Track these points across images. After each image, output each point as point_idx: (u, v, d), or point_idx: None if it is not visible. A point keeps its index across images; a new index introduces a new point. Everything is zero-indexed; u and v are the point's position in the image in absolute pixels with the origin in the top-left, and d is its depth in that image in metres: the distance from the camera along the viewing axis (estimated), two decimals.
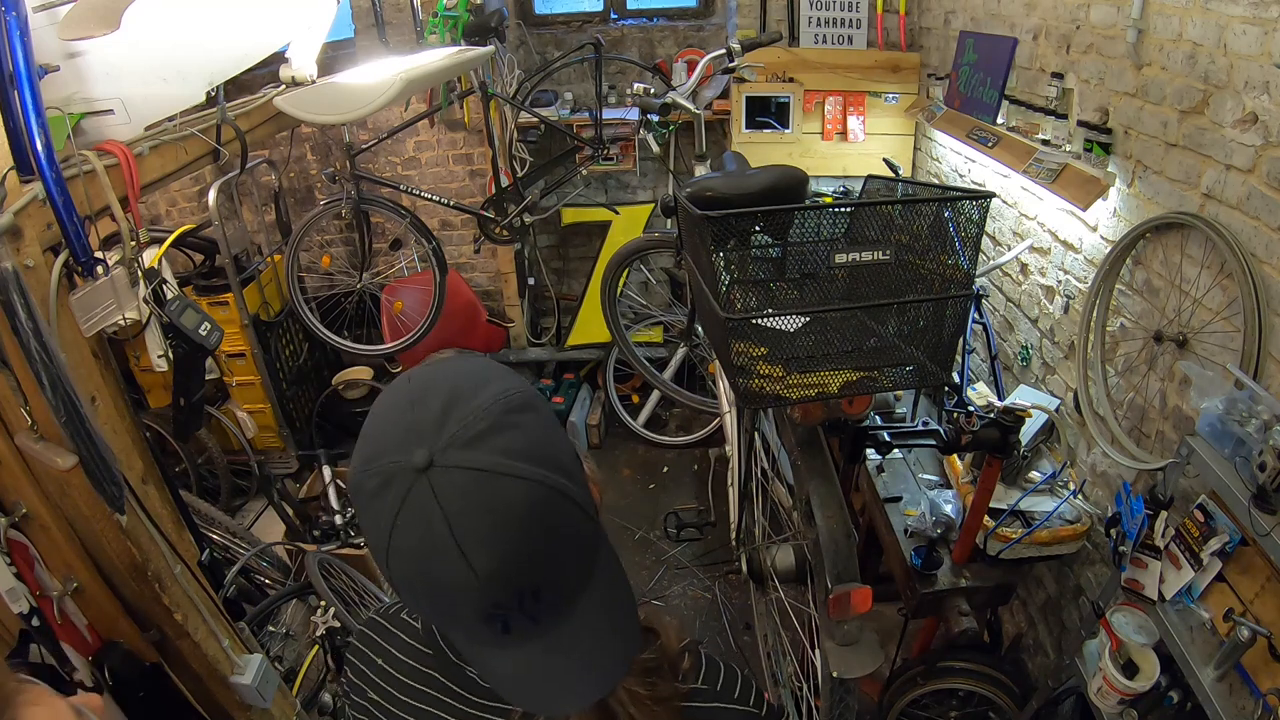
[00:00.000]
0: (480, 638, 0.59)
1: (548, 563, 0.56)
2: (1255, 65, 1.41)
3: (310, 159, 3.98)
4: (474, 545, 0.52)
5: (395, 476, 0.54)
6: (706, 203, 1.50)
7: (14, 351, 1.19)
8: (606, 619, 0.61)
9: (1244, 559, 1.33)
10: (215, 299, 3.24)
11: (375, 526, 0.55)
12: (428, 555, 0.53)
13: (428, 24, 3.21)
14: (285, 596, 2.41)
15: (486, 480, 0.54)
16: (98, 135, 1.42)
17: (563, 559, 0.58)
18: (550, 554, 0.57)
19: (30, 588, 1.37)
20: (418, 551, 0.54)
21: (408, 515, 0.53)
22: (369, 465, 0.56)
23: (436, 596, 0.56)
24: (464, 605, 0.55)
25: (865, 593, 1.46)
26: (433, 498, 0.53)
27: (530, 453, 0.56)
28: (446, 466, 0.53)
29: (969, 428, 1.77)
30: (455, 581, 0.53)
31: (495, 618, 0.56)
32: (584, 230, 4.12)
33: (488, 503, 0.53)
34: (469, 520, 0.53)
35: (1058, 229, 2.20)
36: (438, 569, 0.53)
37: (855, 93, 3.22)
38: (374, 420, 0.59)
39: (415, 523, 0.53)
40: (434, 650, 0.73)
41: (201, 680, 1.65)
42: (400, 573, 0.56)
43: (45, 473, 1.34)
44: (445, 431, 0.55)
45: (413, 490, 0.53)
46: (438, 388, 0.58)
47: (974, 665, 2.00)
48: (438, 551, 0.53)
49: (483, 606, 0.55)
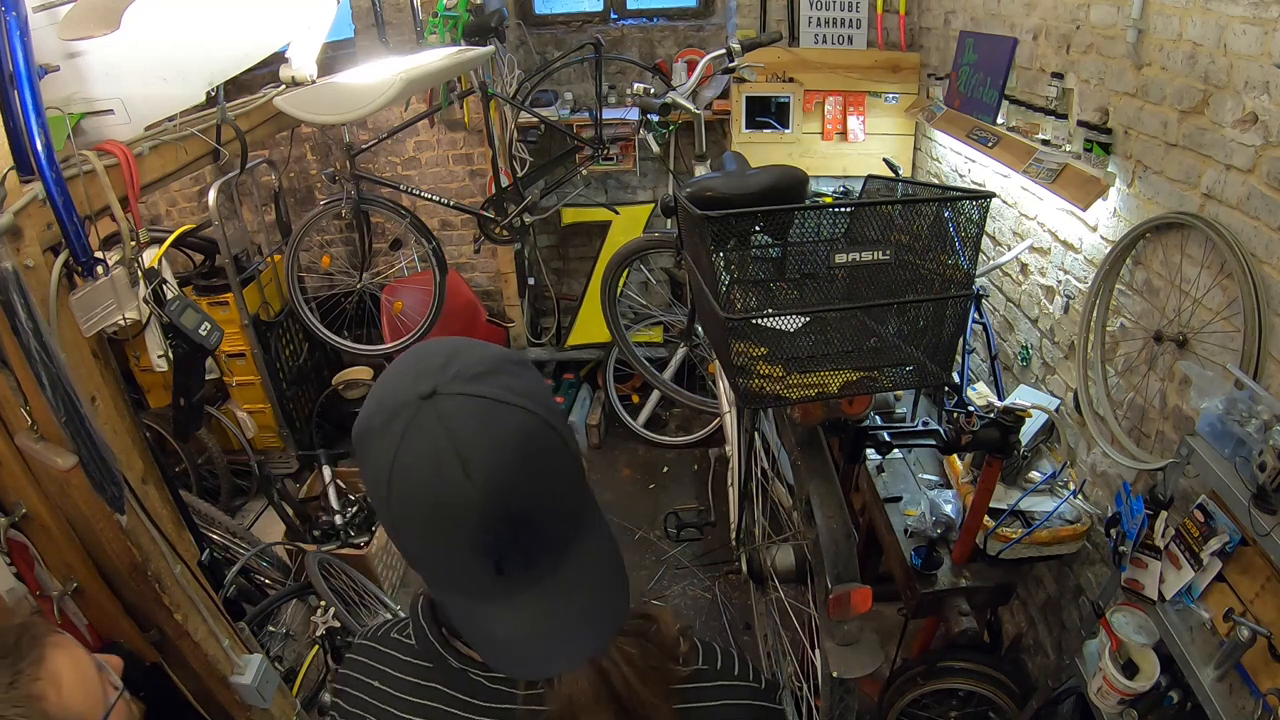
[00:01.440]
0: (476, 588, 0.60)
1: (541, 491, 0.59)
2: (1255, 65, 1.41)
3: (310, 159, 3.98)
4: (474, 460, 0.55)
5: (401, 408, 0.57)
6: (706, 203, 1.50)
7: (14, 351, 1.19)
8: (597, 572, 0.63)
9: (1244, 559, 1.33)
10: (215, 299, 3.24)
11: (378, 460, 0.57)
12: (430, 473, 0.55)
13: (428, 24, 3.21)
14: (285, 596, 2.41)
15: (487, 406, 0.57)
16: (98, 135, 1.42)
17: (556, 492, 0.60)
18: (544, 483, 0.59)
19: (30, 588, 1.37)
20: (420, 471, 0.56)
21: (412, 437, 0.56)
22: (372, 406, 0.59)
23: (436, 526, 0.57)
24: (462, 532, 0.56)
25: (865, 593, 1.46)
26: (436, 419, 0.56)
27: (528, 392, 0.59)
28: (450, 394, 0.57)
29: (969, 428, 1.77)
30: (455, 498, 0.55)
31: (489, 550, 0.57)
32: (584, 230, 4.11)
33: (488, 425, 0.56)
34: (470, 437, 0.55)
35: (1058, 229, 2.20)
36: (438, 488, 0.55)
37: (855, 93, 3.21)
38: (380, 381, 0.63)
39: (419, 443, 0.56)
40: (433, 661, 0.72)
41: (201, 680, 1.65)
42: (401, 502, 0.57)
43: (45, 473, 1.34)
44: (449, 371, 0.58)
45: (418, 415, 0.56)
46: (441, 346, 0.62)
47: (974, 665, 2.00)
48: (440, 467, 0.55)
49: (479, 532, 0.56)
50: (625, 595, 0.65)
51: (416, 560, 0.62)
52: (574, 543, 0.62)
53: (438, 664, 0.72)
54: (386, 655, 0.77)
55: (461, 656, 0.71)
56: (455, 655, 0.71)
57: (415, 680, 0.74)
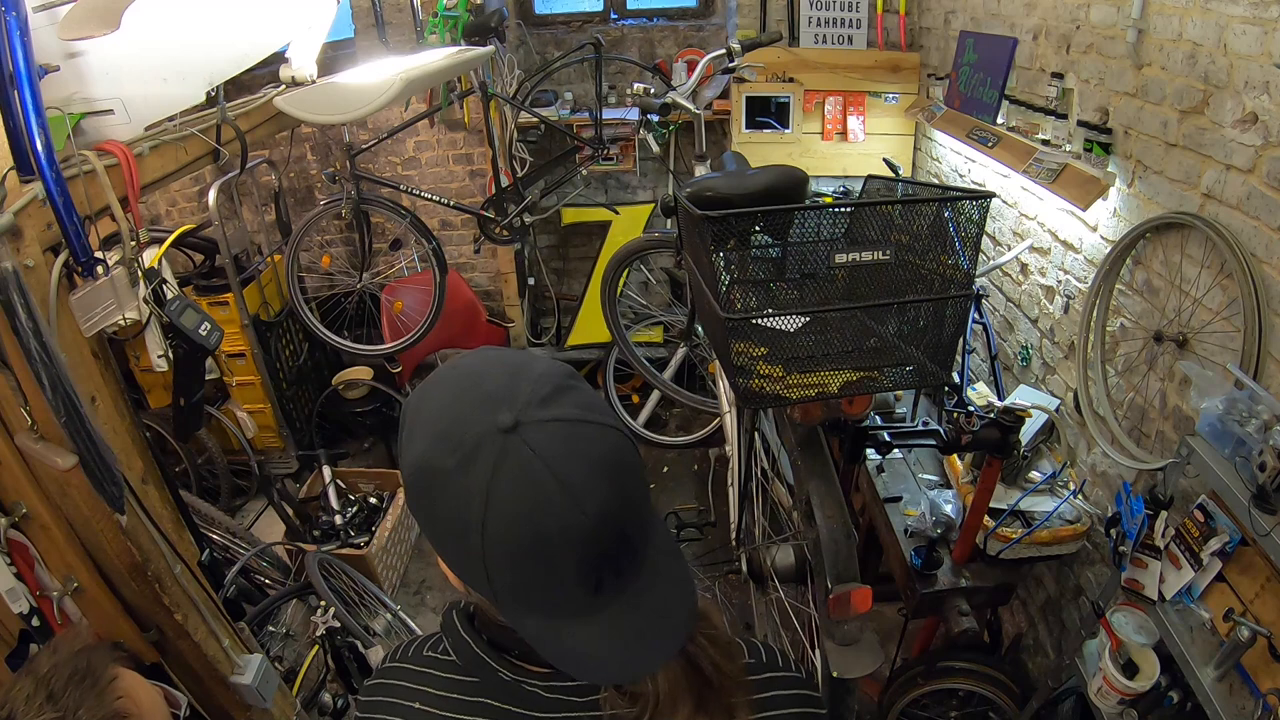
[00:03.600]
0: (567, 609, 0.58)
1: (638, 505, 0.59)
2: (1255, 65, 1.41)
3: (310, 159, 3.98)
4: (579, 487, 0.54)
5: (481, 444, 0.54)
6: (706, 203, 1.50)
7: (14, 351, 1.19)
8: (670, 570, 0.63)
9: (1244, 559, 1.33)
10: (215, 299, 3.24)
11: (462, 503, 0.55)
12: (533, 508, 0.53)
13: (428, 24, 3.21)
14: (285, 596, 2.41)
15: (573, 429, 0.56)
16: (98, 135, 1.42)
17: (643, 501, 0.61)
18: (637, 497, 0.59)
19: (30, 588, 1.37)
20: (523, 508, 0.54)
21: (507, 475, 0.53)
22: (442, 444, 0.56)
23: (540, 557, 0.55)
24: (567, 560, 0.55)
25: (865, 593, 1.46)
26: (531, 452, 0.54)
27: (596, 406, 0.59)
28: (534, 422, 0.55)
29: (969, 428, 1.77)
30: (566, 528, 0.53)
31: (592, 573, 0.56)
32: (584, 230, 4.11)
33: (581, 449, 0.55)
34: (570, 465, 0.54)
35: (1058, 229, 2.19)
36: (546, 521, 0.53)
37: (855, 93, 3.21)
38: (429, 406, 0.60)
39: (516, 481, 0.53)
40: (480, 676, 0.69)
41: (201, 680, 1.65)
42: (500, 539, 0.54)
43: (45, 473, 1.33)
44: (520, 396, 0.56)
45: (506, 450, 0.54)
46: (492, 366, 0.60)
47: (974, 665, 2.00)
48: (545, 501, 0.53)
49: (588, 556, 0.55)
50: (695, 588, 0.65)
51: (497, 588, 0.58)
52: (650, 553, 0.62)
53: (485, 678, 0.69)
54: (424, 675, 0.73)
55: (515, 668, 0.68)
56: (509, 668, 0.68)
57: (462, 697, 0.70)
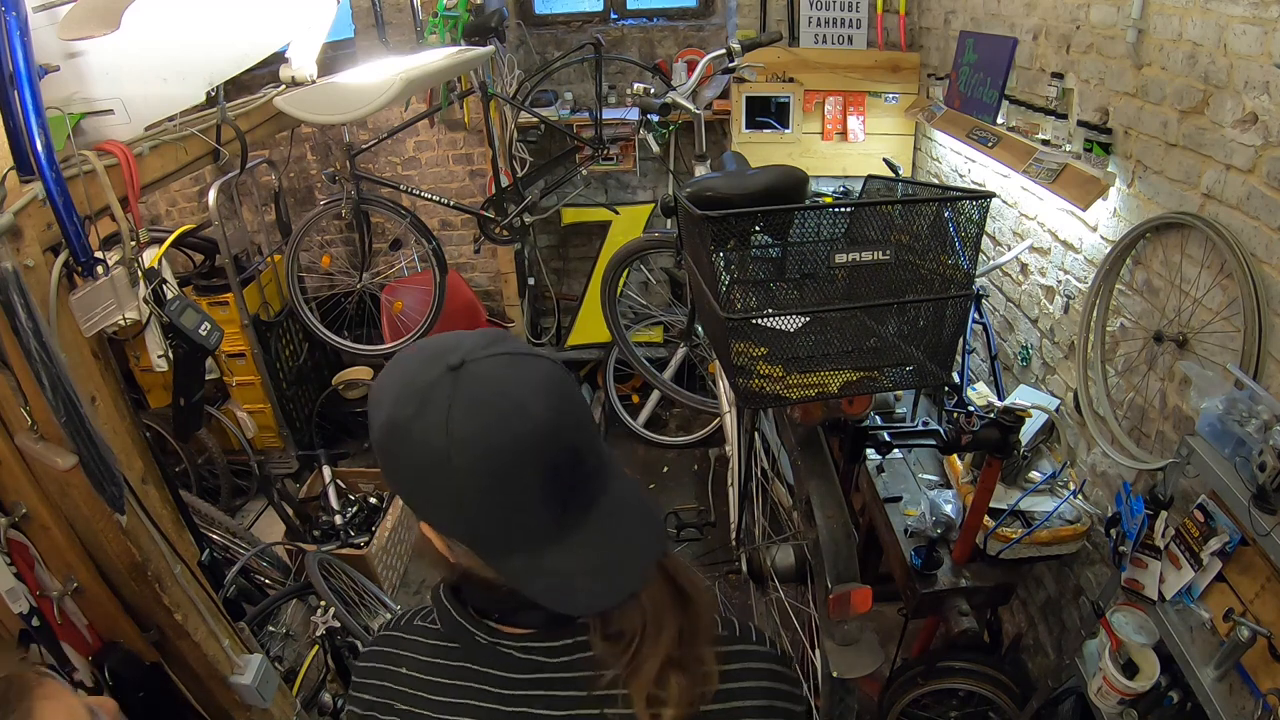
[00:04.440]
0: (540, 534, 0.63)
1: (584, 425, 0.64)
2: (1255, 65, 1.41)
3: (310, 159, 3.98)
4: (528, 400, 0.60)
5: (434, 385, 0.59)
6: (706, 203, 1.50)
7: (14, 351, 1.19)
8: (634, 501, 0.69)
9: (1244, 559, 1.33)
10: (215, 299, 3.24)
11: (426, 444, 0.59)
12: (486, 427, 0.58)
13: (428, 24, 3.21)
14: (285, 596, 2.41)
15: (514, 359, 0.62)
16: (98, 135, 1.42)
17: (591, 430, 0.66)
18: (583, 419, 0.65)
19: (30, 588, 1.37)
20: (477, 429, 0.58)
21: (460, 406, 0.58)
22: (400, 401, 0.61)
23: (504, 472, 0.59)
24: (526, 472, 0.59)
25: (865, 593, 1.46)
26: (478, 381, 0.60)
27: (532, 350, 0.65)
28: (477, 359, 0.61)
29: (969, 428, 1.77)
30: (517, 436, 0.58)
31: (553, 489, 0.61)
32: (584, 230, 4.11)
33: (521, 374, 0.61)
34: (512, 385, 0.60)
35: (1058, 229, 2.19)
36: (499, 435, 0.58)
37: (855, 93, 3.21)
38: (386, 382, 0.65)
39: (468, 408, 0.58)
40: (460, 641, 0.73)
41: (201, 680, 1.65)
42: (466, 459, 0.58)
43: (45, 473, 1.34)
44: (464, 345, 0.62)
45: (457, 385, 0.59)
46: (436, 340, 0.66)
47: (974, 665, 2.00)
48: (496, 417, 0.58)
49: (545, 468, 0.60)
50: (661, 521, 0.71)
51: (476, 524, 0.63)
52: (609, 480, 0.67)
53: (465, 643, 0.73)
54: (410, 641, 0.77)
55: (492, 631, 0.72)
56: (486, 631, 0.72)
57: (442, 661, 0.74)
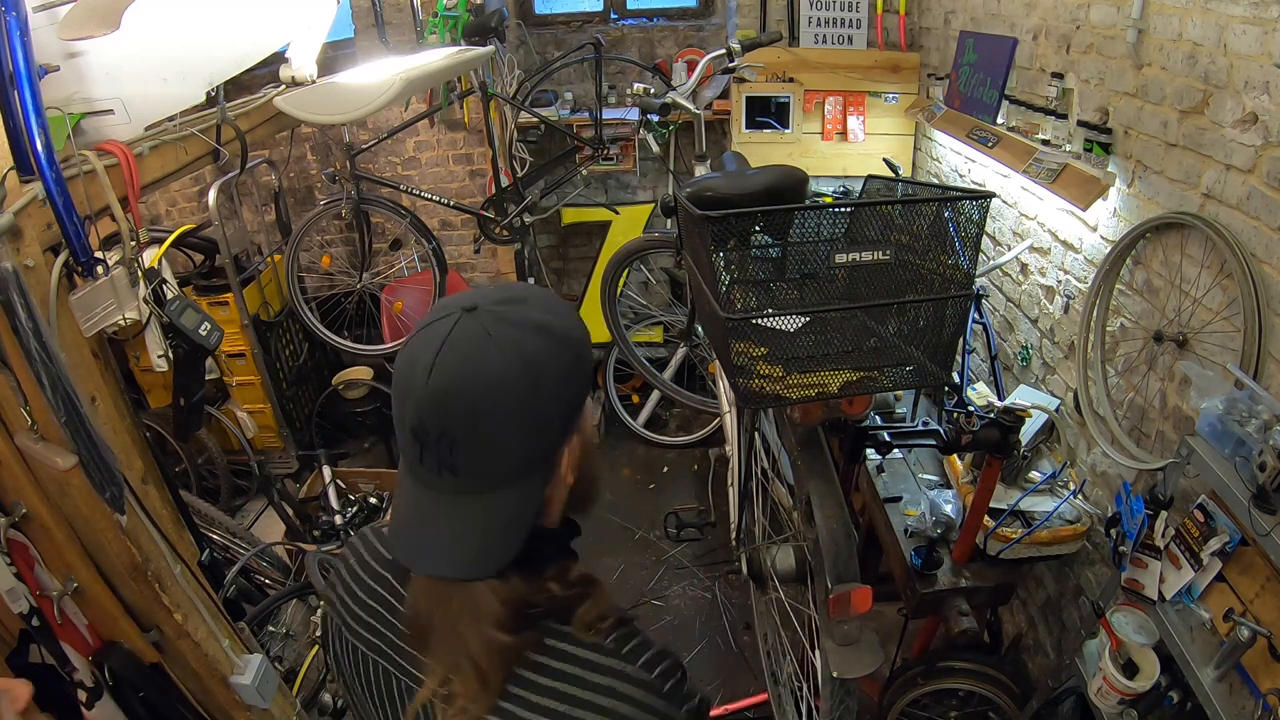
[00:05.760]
0: (405, 455, 0.69)
1: (477, 426, 0.65)
2: (1255, 65, 1.41)
3: (310, 159, 3.98)
4: (437, 369, 0.64)
5: (448, 312, 0.68)
6: (706, 203, 1.50)
7: (14, 351, 1.19)
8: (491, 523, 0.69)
9: (1244, 559, 1.33)
10: (215, 299, 3.24)
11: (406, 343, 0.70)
12: (408, 364, 0.67)
13: (428, 24, 3.21)
14: (285, 596, 2.41)
15: (498, 325, 0.66)
16: (98, 135, 1.42)
17: (494, 436, 0.66)
18: (483, 422, 0.65)
19: (30, 588, 1.37)
20: (411, 348, 0.68)
21: (426, 332, 0.67)
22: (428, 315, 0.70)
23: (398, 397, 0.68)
24: (406, 411, 0.67)
25: (865, 593, 1.46)
26: (452, 326, 0.66)
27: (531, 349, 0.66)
28: (485, 310, 0.67)
29: (969, 428, 1.77)
30: (416, 383, 0.65)
31: (415, 434, 0.66)
32: (584, 230, 4.11)
33: (479, 349, 0.65)
34: (455, 351, 0.65)
35: (1058, 229, 2.19)
36: (406, 375, 0.66)
37: (855, 93, 3.21)
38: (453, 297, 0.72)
39: (426, 337, 0.67)
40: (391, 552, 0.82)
41: (201, 680, 1.65)
42: (399, 361, 0.69)
43: (45, 473, 1.33)
44: (491, 297, 0.69)
45: (448, 319, 0.67)
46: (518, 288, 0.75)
47: (974, 665, 2.00)
48: (416, 362, 0.66)
49: (411, 418, 0.66)
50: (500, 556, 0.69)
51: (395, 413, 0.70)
52: (502, 488, 0.68)
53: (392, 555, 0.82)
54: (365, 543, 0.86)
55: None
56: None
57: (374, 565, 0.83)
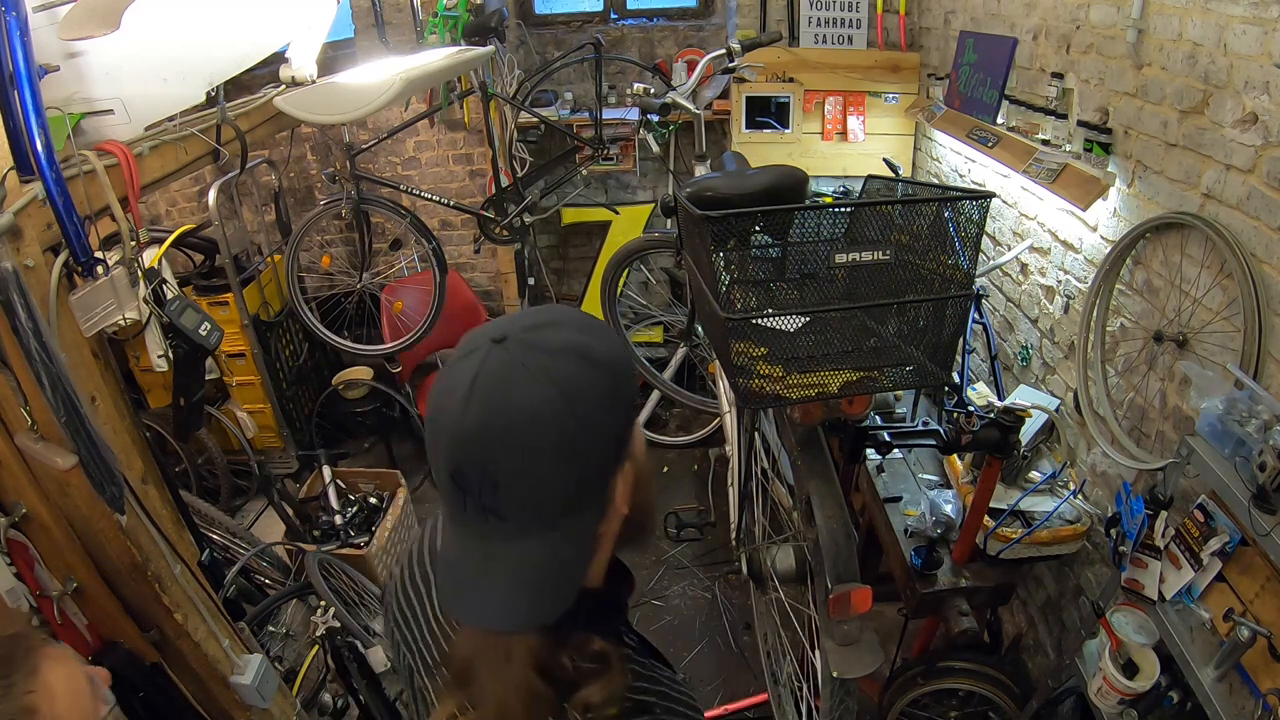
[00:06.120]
0: (448, 503, 0.65)
1: (522, 462, 0.60)
2: (1255, 65, 1.41)
3: (310, 159, 3.98)
4: (475, 403, 0.60)
5: (476, 346, 0.63)
6: (706, 203, 1.50)
7: (14, 351, 1.19)
8: (540, 574, 0.63)
9: (1244, 559, 1.33)
10: (215, 299, 3.24)
11: (435, 383, 0.66)
12: (443, 396, 0.62)
13: (428, 24, 3.21)
14: (285, 596, 2.41)
15: (530, 354, 0.61)
16: (98, 135, 1.42)
17: (543, 476, 0.61)
18: (532, 462, 0.60)
19: (30, 588, 1.37)
20: (441, 390, 0.63)
21: (455, 369, 0.63)
22: (456, 351, 0.66)
23: (431, 438, 0.64)
24: (441, 451, 0.62)
25: (865, 593, 1.46)
26: (481, 360, 0.61)
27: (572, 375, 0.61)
28: (514, 339, 0.62)
29: (969, 428, 1.77)
30: (448, 424, 0.61)
31: (458, 482, 0.61)
32: (584, 230, 4.11)
33: (512, 382, 0.60)
34: (487, 386, 0.60)
35: (1058, 229, 2.19)
36: (443, 411, 0.61)
37: (855, 93, 3.21)
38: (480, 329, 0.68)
39: (456, 374, 0.62)
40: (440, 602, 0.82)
41: (201, 680, 1.65)
42: (429, 406, 0.65)
43: (45, 473, 1.34)
44: (519, 324, 0.64)
45: (477, 354, 0.62)
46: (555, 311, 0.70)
47: (974, 665, 2.00)
48: (452, 395, 0.61)
49: (448, 461, 0.61)
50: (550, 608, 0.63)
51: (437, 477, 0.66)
52: (546, 531, 0.62)
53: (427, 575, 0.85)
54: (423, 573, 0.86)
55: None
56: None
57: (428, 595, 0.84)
